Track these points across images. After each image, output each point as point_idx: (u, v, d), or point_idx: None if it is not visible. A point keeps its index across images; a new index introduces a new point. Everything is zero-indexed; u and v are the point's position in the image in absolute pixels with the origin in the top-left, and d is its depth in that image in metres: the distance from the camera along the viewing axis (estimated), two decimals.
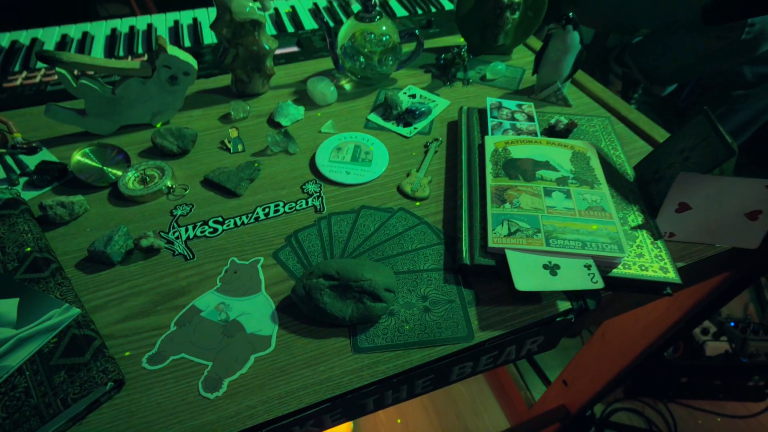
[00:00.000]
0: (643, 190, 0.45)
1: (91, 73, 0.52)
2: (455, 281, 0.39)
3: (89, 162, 0.49)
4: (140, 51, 0.75)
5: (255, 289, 0.39)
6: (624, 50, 1.28)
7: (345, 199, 0.47)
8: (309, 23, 0.82)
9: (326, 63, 0.69)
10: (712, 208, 0.40)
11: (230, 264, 0.41)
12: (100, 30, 0.82)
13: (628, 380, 1.12)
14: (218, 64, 0.64)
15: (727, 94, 1.21)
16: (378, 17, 0.59)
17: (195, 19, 0.84)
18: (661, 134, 0.54)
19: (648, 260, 0.38)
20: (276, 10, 0.86)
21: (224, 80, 0.65)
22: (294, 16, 0.84)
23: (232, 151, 0.53)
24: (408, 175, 0.50)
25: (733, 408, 1.09)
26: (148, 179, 0.48)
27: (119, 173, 0.49)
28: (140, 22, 0.84)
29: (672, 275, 0.37)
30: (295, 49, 0.74)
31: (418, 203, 0.47)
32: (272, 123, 0.58)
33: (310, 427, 0.34)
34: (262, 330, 0.36)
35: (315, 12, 0.85)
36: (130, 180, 0.48)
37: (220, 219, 0.45)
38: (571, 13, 0.53)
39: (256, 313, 0.37)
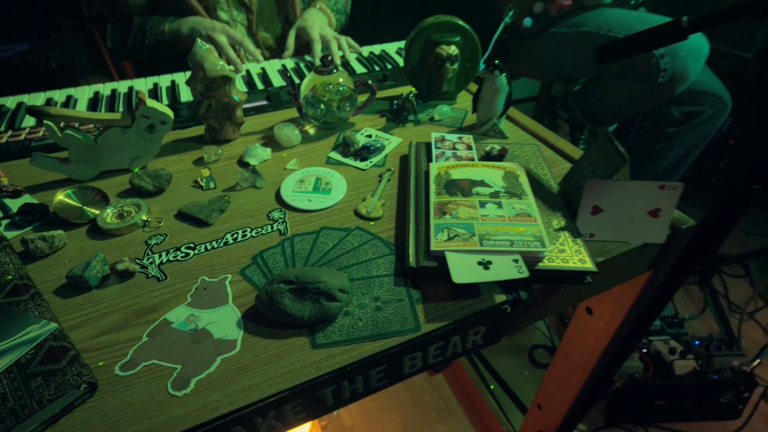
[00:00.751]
0: (567, 201, 0.52)
1: (76, 124, 0.59)
2: (404, 284, 0.44)
3: (70, 201, 0.54)
4: (120, 110, 0.83)
5: (223, 302, 0.43)
6: (567, 98, 1.44)
7: (307, 223, 0.53)
8: (277, 81, 0.92)
9: (292, 112, 0.77)
10: (620, 209, 0.47)
11: (200, 282, 0.45)
12: (83, 93, 0.89)
13: (608, 405, 1.14)
14: (193, 115, 0.71)
15: (661, 132, 1.36)
16: (335, 70, 0.68)
17: (173, 82, 0.93)
18: None
19: (569, 255, 0.44)
20: (248, 71, 0.97)
21: (198, 130, 0.73)
22: (264, 75, 0.95)
23: (204, 188, 0.59)
24: (364, 200, 0.56)
25: (710, 428, 1.11)
26: (125, 214, 0.53)
27: (98, 212, 0.54)
28: (121, 85, 0.93)
29: (589, 265, 0.43)
30: (264, 102, 0.83)
31: (372, 222, 0.52)
32: (242, 163, 0.64)
33: (272, 419, 0.37)
34: (229, 335, 0.40)
35: (283, 71, 0.96)
36: (108, 215, 0.53)
37: (191, 245, 0.50)
38: (497, 61, 0.64)
39: (223, 322, 0.41)
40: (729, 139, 1.75)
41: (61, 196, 0.54)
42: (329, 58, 0.68)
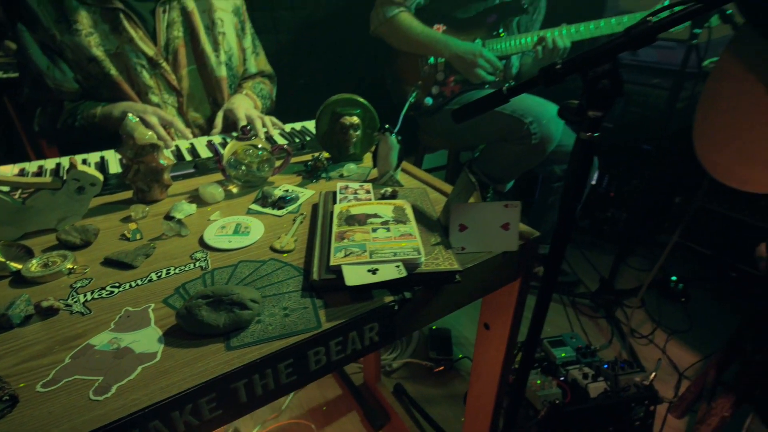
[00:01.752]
0: (445, 225, 0.66)
1: (6, 189, 0.64)
2: (309, 295, 0.53)
3: None
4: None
5: (145, 325, 0.49)
6: (471, 162, 1.69)
7: (227, 259, 0.61)
8: (205, 153, 1.03)
9: (218, 176, 0.87)
10: (479, 225, 0.61)
11: (123, 312, 0.51)
12: (7, 171, 0.93)
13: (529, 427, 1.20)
14: (122, 178, 0.79)
15: (550, 187, 1.63)
16: (254, 137, 0.81)
17: (102, 157, 1.01)
18: None
19: (441, 261, 0.56)
20: (177, 147, 1.07)
21: (126, 195, 0.80)
22: (193, 149, 1.05)
23: (131, 239, 0.66)
24: (279, 238, 0.65)
25: None
26: (50, 264, 0.58)
27: (21, 266, 0.58)
28: (49, 162, 0.98)
29: (456, 266, 0.55)
30: (192, 170, 0.92)
31: (285, 255, 0.62)
32: (168, 218, 0.72)
33: (188, 415, 0.42)
34: (150, 349, 0.45)
35: (209, 144, 1.07)
36: (33, 265, 0.57)
37: (116, 284, 0.55)
38: (387, 125, 0.80)
39: (145, 340, 0.47)
40: (610, 193, 2.09)
41: None
42: (248, 127, 0.80)
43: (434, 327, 1.58)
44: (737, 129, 0.94)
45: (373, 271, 0.52)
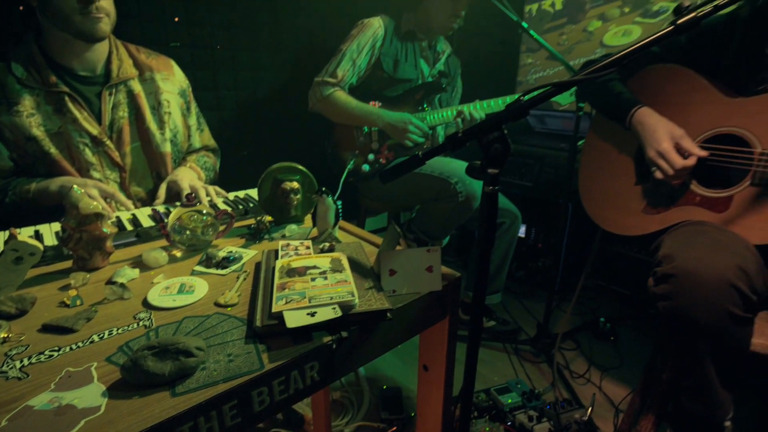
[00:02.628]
0: (377, 273, 0.74)
1: None
2: (253, 341, 0.57)
3: None
4: None
5: (88, 383, 0.50)
6: (409, 223, 1.81)
7: (172, 317, 0.64)
8: (147, 222, 1.06)
9: (160, 243, 0.91)
10: (406, 269, 0.70)
11: (64, 372, 0.52)
12: None
13: None
14: (62, 245, 0.80)
15: None
16: (198, 203, 0.87)
17: (36, 231, 1.00)
18: None
19: (374, 302, 0.64)
20: (118, 218, 1.09)
21: (64, 265, 0.80)
22: (135, 219, 1.08)
23: (71, 305, 0.67)
24: (223, 294, 0.70)
25: None
26: None
27: None
28: None
29: (387, 305, 0.63)
30: (134, 239, 0.95)
31: (229, 308, 0.66)
32: (110, 283, 0.74)
33: None
34: (93, 404, 0.47)
35: (154, 211, 1.11)
36: None
37: (56, 348, 0.57)
38: (324, 188, 0.90)
39: (88, 396, 0.48)
40: (538, 244, 2.30)
41: None
42: (193, 194, 0.87)
43: (385, 387, 1.58)
44: (606, 187, 1.15)
45: (312, 314, 0.58)
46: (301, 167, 1.00)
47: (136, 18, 1.57)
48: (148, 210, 1.15)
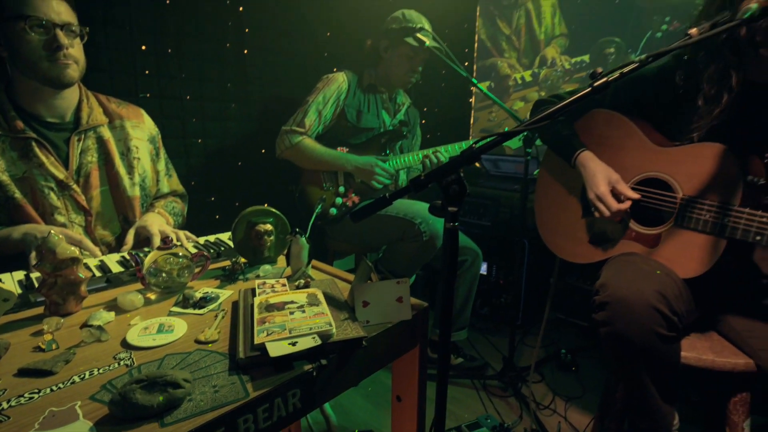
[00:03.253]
0: (351, 306, 0.79)
1: None
2: (237, 372, 0.61)
3: None
4: None
5: (73, 420, 0.52)
6: (377, 262, 1.88)
7: (152, 355, 0.66)
8: (116, 268, 1.06)
9: (131, 287, 0.92)
10: (378, 300, 0.76)
11: (48, 413, 0.53)
12: None
13: None
14: (37, 290, 0.80)
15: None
16: (174, 247, 0.90)
17: None
18: None
19: (350, 331, 0.69)
20: (86, 264, 1.09)
21: (34, 312, 0.80)
22: (103, 266, 1.08)
23: (46, 350, 0.67)
24: (203, 332, 0.72)
25: None
26: None
27: None
28: None
29: (363, 334, 0.68)
30: (104, 284, 0.96)
31: (210, 345, 0.69)
32: (86, 326, 0.74)
33: None
34: None
35: (122, 261, 1.11)
36: None
37: (36, 390, 0.57)
38: (297, 228, 0.96)
39: None
40: (500, 281, 2.41)
41: None
42: (170, 237, 0.90)
43: (357, 431, 1.57)
44: (557, 217, 1.28)
45: (293, 343, 0.63)
46: (274, 210, 1.06)
47: (106, 71, 1.63)
48: (116, 256, 1.16)
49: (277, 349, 0.61)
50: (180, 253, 0.90)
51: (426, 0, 2.56)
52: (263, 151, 2.10)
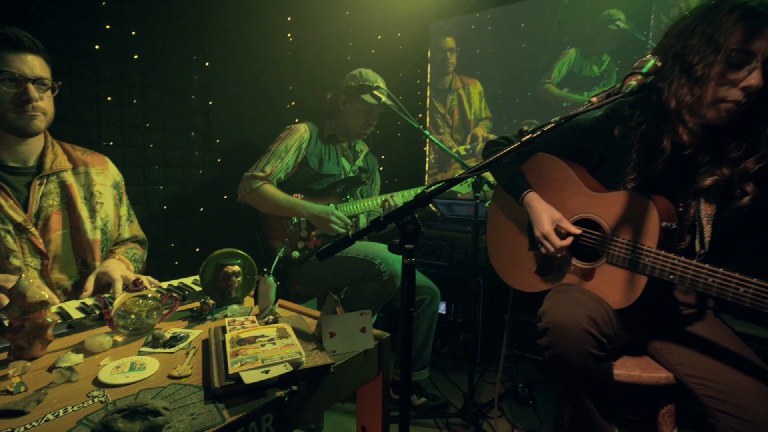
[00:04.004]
0: (318, 337, 0.85)
1: None
2: (213, 401, 0.65)
3: None
4: None
5: None
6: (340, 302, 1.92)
7: (126, 392, 0.69)
8: (77, 314, 1.06)
9: (96, 331, 0.93)
10: (344, 331, 0.83)
11: None
12: None
13: None
14: (2, 334, 0.80)
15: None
16: (144, 289, 0.93)
17: None
18: None
19: (318, 359, 0.75)
20: None
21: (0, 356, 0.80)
22: (62, 312, 1.08)
23: (14, 392, 0.68)
24: (175, 368, 0.76)
25: None
26: None
27: None
28: None
29: (330, 361, 0.74)
30: (66, 330, 0.96)
31: (183, 379, 0.72)
32: (53, 369, 0.76)
33: None
34: None
35: (98, 297, 1.11)
36: None
37: (9, 429, 0.59)
38: (265, 269, 1.02)
39: None
40: (458, 319, 2.50)
41: None
42: (140, 280, 0.93)
43: None
44: (506, 248, 1.41)
45: (266, 371, 0.68)
46: (241, 252, 1.11)
47: (69, 120, 1.66)
48: (75, 303, 1.15)
49: (251, 376, 0.66)
50: (149, 295, 0.93)
51: (381, 63, 2.81)
52: (225, 197, 2.14)
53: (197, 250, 2.06)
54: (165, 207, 1.96)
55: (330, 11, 2.55)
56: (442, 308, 2.49)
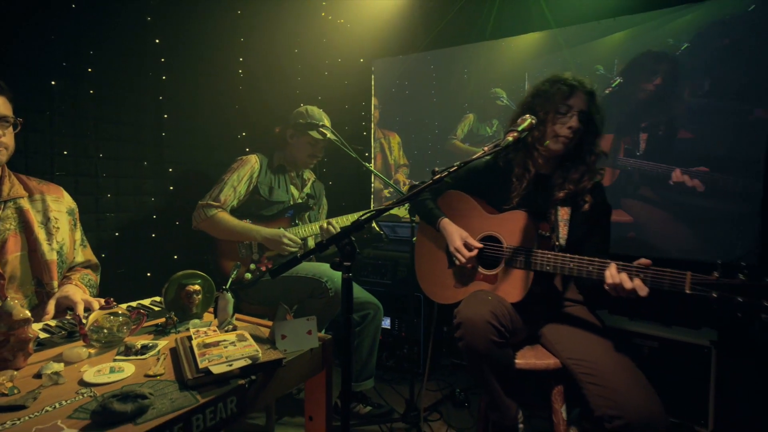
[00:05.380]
0: (272, 340, 1.04)
1: None
2: (187, 390, 0.82)
3: None
4: None
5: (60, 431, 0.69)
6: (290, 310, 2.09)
7: (110, 388, 0.84)
8: (42, 334, 1.17)
9: (61, 349, 1.06)
10: (293, 334, 1.03)
11: (34, 430, 0.70)
12: None
13: None
14: None
15: (355, 333, 2.13)
16: (115, 306, 1.08)
17: None
18: None
19: (272, 355, 0.94)
20: None
21: None
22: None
23: (9, 394, 0.81)
24: (150, 369, 0.92)
25: None
26: None
27: None
28: None
29: (282, 356, 0.94)
30: (36, 347, 1.07)
31: (158, 376, 0.89)
32: (38, 377, 0.89)
33: None
34: None
35: (74, 315, 1.22)
36: None
37: (15, 419, 0.73)
38: (224, 286, 1.20)
39: None
40: (401, 333, 2.73)
41: None
42: (111, 299, 1.08)
43: None
44: (430, 269, 1.68)
45: (230, 365, 0.87)
46: (201, 273, 1.28)
47: (22, 152, 1.74)
48: (39, 324, 1.25)
49: (218, 369, 0.85)
50: (119, 312, 1.08)
51: (328, 97, 3.07)
52: (177, 223, 2.26)
53: (148, 274, 2.15)
54: (117, 234, 2.05)
55: (279, 50, 2.79)
56: (386, 323, 2.70)
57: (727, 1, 2.20)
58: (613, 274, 1.15)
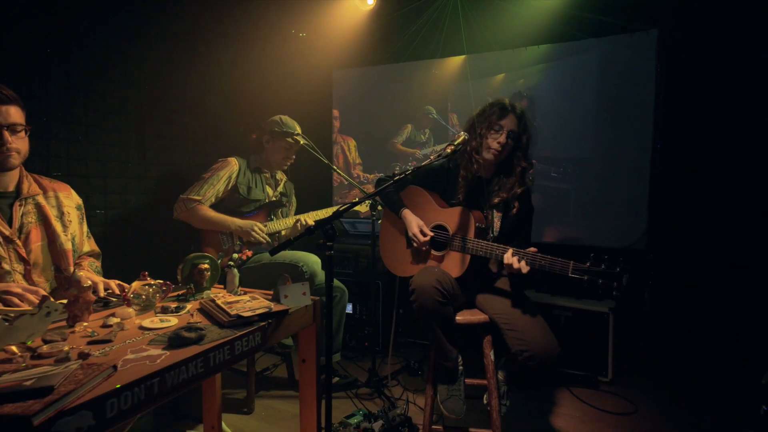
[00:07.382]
0: (276, 299, 1.42)
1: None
2: (224, 329, 1.19)
3: None
4: None
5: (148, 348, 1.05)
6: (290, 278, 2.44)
7: (165, 330, 1.19)
8: None
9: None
10: (292, 294, 1.42)
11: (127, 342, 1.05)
12: None
13: None
14: (66, 307, 1.22)
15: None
16: (148, 278, 1.41)
17: None
18: None
19: (281, 308, 1.33)
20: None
21: (58, 324, 1.23)
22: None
23: (93, 335, 1.14)
24: (189, 319, 1.27)
25: None
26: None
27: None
28: None
29: (287, 308, 1.33)
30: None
31: (199, 323, 1.25)
32: (107, 326, 1.22)
33: (174, 377, 1.01)
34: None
35: (119, 286, 1.52)
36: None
37: (106, 348, 1.07)
38: (230, 262, 1.56)
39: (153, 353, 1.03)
40: (363, 316, 3.14)
41: None
42: (146, 273, 1.41)
43: None
44: (392, 248, 2.11)
45: (253, 311, 1.25)
46: (209, 255, 1.63)
47: None
48: None
49: (247, 314, 1.22)
50: (152, 283, 1.42)
51: (296, 105, 3.44)
52: (159, 217, 2.54)
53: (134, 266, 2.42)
54: (105, 229, 2.32)
55: (250, 63, 3.11)
56: (349, 308, 3.11)
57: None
58: (507, 256, 1.65)
